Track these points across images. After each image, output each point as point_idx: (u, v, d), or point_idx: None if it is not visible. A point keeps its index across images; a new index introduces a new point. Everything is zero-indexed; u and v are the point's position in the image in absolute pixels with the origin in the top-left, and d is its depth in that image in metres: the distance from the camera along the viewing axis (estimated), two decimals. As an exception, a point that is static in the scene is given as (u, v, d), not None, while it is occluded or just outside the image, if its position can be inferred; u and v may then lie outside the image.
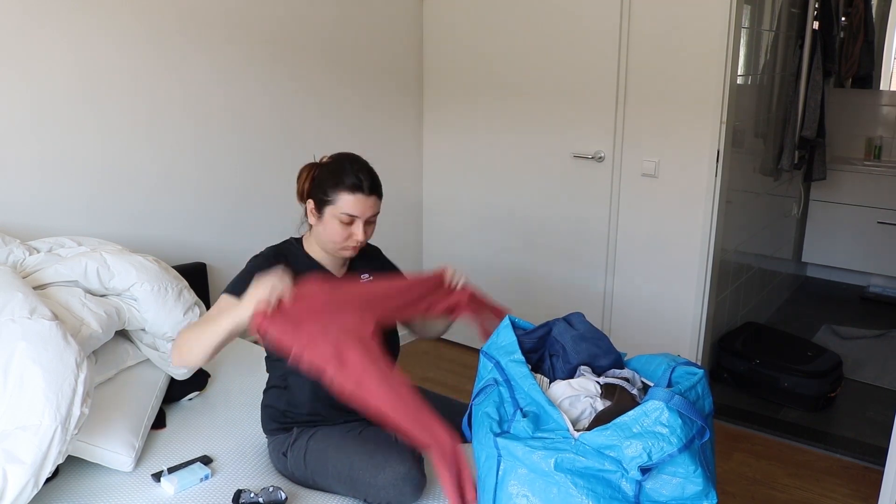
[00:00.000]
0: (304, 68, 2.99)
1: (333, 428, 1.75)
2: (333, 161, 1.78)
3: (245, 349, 2.47)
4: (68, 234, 2.24)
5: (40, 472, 1.45)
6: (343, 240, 1.75)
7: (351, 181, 1.72)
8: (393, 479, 1.57)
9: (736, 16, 2.73)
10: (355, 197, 1.71)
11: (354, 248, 1.78)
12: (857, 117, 4.52)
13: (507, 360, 1.42)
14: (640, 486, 1.24)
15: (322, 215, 1.75)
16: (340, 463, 1.65)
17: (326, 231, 1.75)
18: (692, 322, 3.05)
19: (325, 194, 1.73)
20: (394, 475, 1.57)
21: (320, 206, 1.75)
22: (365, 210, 1.73)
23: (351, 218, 1.72)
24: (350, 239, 1.75)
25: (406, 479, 1.57)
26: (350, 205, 1.71)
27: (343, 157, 1.79)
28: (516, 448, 1.28)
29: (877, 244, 4.35)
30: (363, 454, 1.63)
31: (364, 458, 1.62)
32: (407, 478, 1.57)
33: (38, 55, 2.18)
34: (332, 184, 1.72)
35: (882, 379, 3.39)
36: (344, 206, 1.71)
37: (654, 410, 1.24)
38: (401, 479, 1.57)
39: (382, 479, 1.57)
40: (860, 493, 2.54)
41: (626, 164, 3.07)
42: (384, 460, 1.60)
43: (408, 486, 1.57)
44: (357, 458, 1.63)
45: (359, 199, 1.72)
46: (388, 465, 1.58)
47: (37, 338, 1.55)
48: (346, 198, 1.71)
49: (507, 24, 3.26)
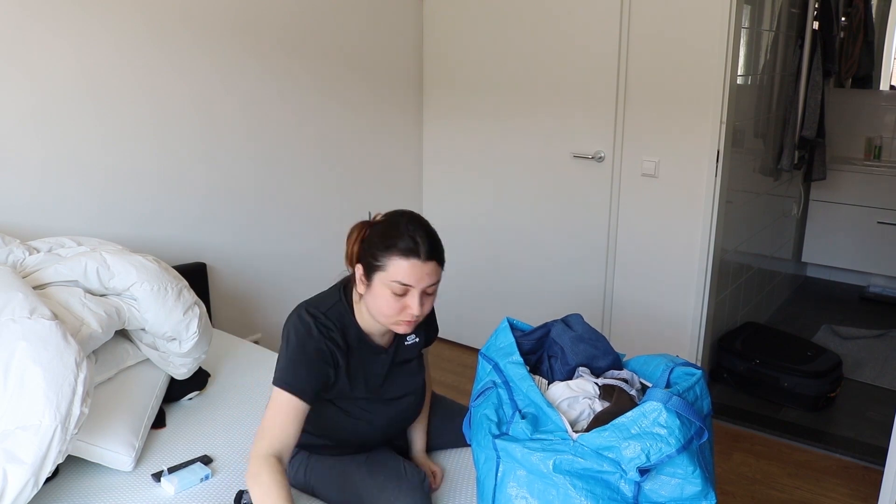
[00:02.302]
0: (305, 68, 2.99)
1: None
2: (387, 220, 1.55)
3: (245, 349, 2.47)
4: (68, 234, 2.24)
5: (40, 472, 1.45)
6: (396, 313, 1.51)
7: (405, 244, 1.48)
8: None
9: (736, 16, 2.73)
10: (409, 263, 1.47)
11: (408, 324, 1.53)
12: (857, 117, 4.51)
13: (506, 362, 1.42)
14: (638, 487, 1.24)
15: (371, 283, 1.51)
16: (346, 487, 1.61)
17: (377, 302, 1.51)
18: (692, 322, 3.05)
19: (375, 259, 1.49)
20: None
21: (369, 272, 1.51)
22: (421, 278, 1.48)
23: (404, 288, 1.48)
24: (404, 312, 1.51)
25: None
26: (403, 272, 1.47)
27: (398, 215, 1.56)
28: (515, 450, 1.28)
29: (877, 244, 4.35)
30: (371, 486, 1.58)
31: (372, 490, 1.57)
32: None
33: (39, 54, 2.18)
34: (383, 246, 1.49)
35: (882, 379, 3.39)
36: (396, 273, 1.47)
37: (652, 411, 1.24)
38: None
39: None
40: (860, 493, 2.54)
41: (626, 164, 3.07)
42: (394, 497, 1.54)
43: None
44: (364, 489, 1.58)
45: (414, 265, 1.47)
46: (395, 502, 1.53)
47: (37, 338, 1.55)
48: (399, 263, 1.47)
49: (507, 24, 3.26)
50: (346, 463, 1.65)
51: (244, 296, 2.92)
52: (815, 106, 3.77)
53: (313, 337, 1.53)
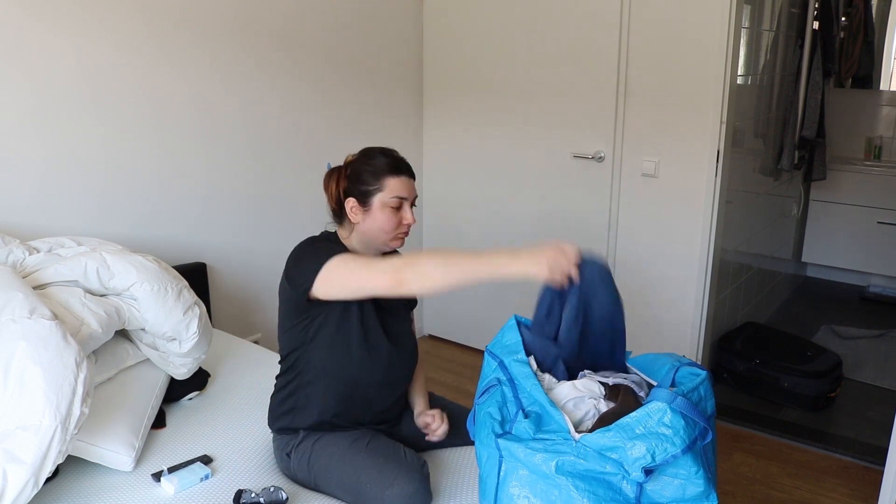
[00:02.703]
0: (305, 69, 2.98)
1: (340, 435, 1.73)
2: (363, 155, 1.76)
3: (245, 349, 2.47)
4: (68, 234, 2.24)
5: (40, 472, 1.45)
6: (394, 227, 1.72)
7: (390, 164, 1.72)
8: (401, 497, 1.56)
9: (736, 16, 2.73)
10: (400, 179, 1.71)
11: (405, 234, 1.76)
12: (857, 117, 4.51)
13: (511, 360, 1.42)
14: (641, 487, 1.24)
15: (370, 207, 1.71)
16: (347, 474, 1.64)
17: (377, 222, 1.71)
18: (692, 322, 3.05)
19: (369, 184, 1.70)
20: (402, 493, 1.56)
21: (365, 198, 1.71)
22: (411, 191, 1.73)
23: (400, 201, 1.71)
24: (401, 225, 1.73)
25: (414, 497, 1.57)
26: (399, 187, 1.70)
27: (370, 149, 1.77)
28: (517, 449, 1.27)
29: (877, 244, 4.35)
30: (371, 468, 1.62)
31: (373, 472, 1.61)
32: (415, 495, 1.57)
33: (39, 54, 2.18)
34: (372, 172, 1.71)
35: (882, 379, 3.39)
36: (393, 189, 1.70)
37: (657, 412, 1.24)
38: (408, 496, 1.56)
39: (390, 495, 1.56)
40: (860, 493, 2.54)
41: (626, 164, 3.07)
42: (393, 477, 1.58)
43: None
44: (365, 472, 1.62)
45: (403, 180, 1.71)
46: (396, 483, 1.57)
47: (37, 338, 1.54)
48: (393, 181, 1.70)
49: (507, 24, 3.26)
50: (346, 450, 1.68)
51: (244, 296, 2.92)
52: (815, 106, 3.77)
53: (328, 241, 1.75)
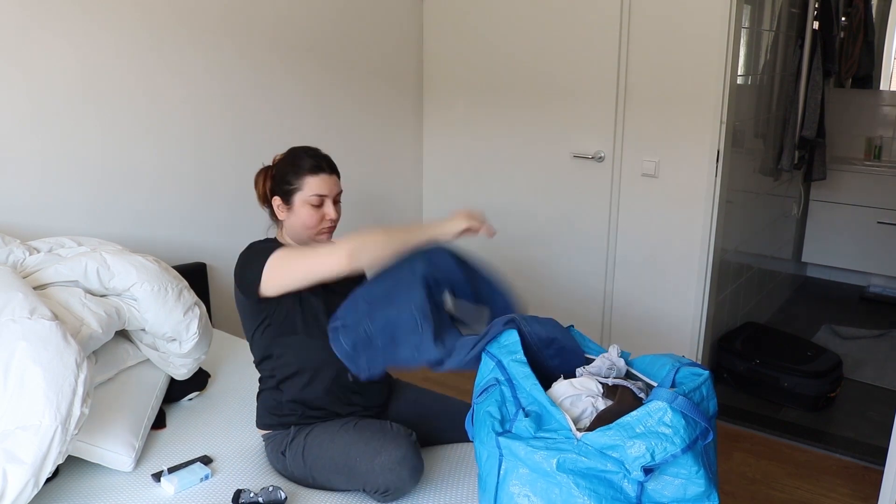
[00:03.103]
0: (305, 69, 2.98)
1: (329, 423, 1.77)
2: (286, 154, 1.87)
3: (244, 348, 2.47)
4: (68, 234, 2.24)
5: (40, 472, 1.45)
6: (317, 223, 1.80)
7: (311, 163, 1.80)
8: (389, 463, 1.59)
9: (736, 16, 2.73)
10: (319, 177, 1.79)
11: (330, 230, 1.84)
12: (857, 117, 4.51)
13: (510, 360, 1.42)
14: (642, 487, 1.23)
15: (292, 205, 1.80)
16: (338, 454, 1.67)
17: (300, 219, 1.80)
18: (692, 322, 3.05)
19: (290, 183, 1.80)
20: (390, 459, 1.59)
21: (287, 196, 1.81)
22: (332, 188, 1.82)
23: (320, 199, 1.79)
24: (324, 221, 1.81)
25: (403, 462, 1.59)
26: (317, 185, 1.79)
27: (294, 148, 1.88)
28: (518, 448, 1.27)
29: (877, 244, 4.35)
30: (359, 442, 1.66)
31: (360, 445, 1.65)
32: (404, 460, 1.60)
33: (39, 55, 2.18)
34: (294, 171, 1.80)
35: (882, 379, 3.39)
36: (312, 187, 1.79)
37: (657, 411, 1.24)
38: (397, 462, 1.59)
39: (379, 463, 1.59)
40: (860, 493, 2.54)
41: (626, 164, 3.07)
42: (380, 445, 1.62)
43: (405, 469, 1.59)
44: (353, 447, 1.65)
45: (323, 178, 1.80)
46: (384, 450, 1.61)
47: (37, 338, 1.54)
48: (312, 180, 1.79)
49: (507, 24, 3.26)
50: (335, 434, 1.71)
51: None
52: (815, 106, 3.77)
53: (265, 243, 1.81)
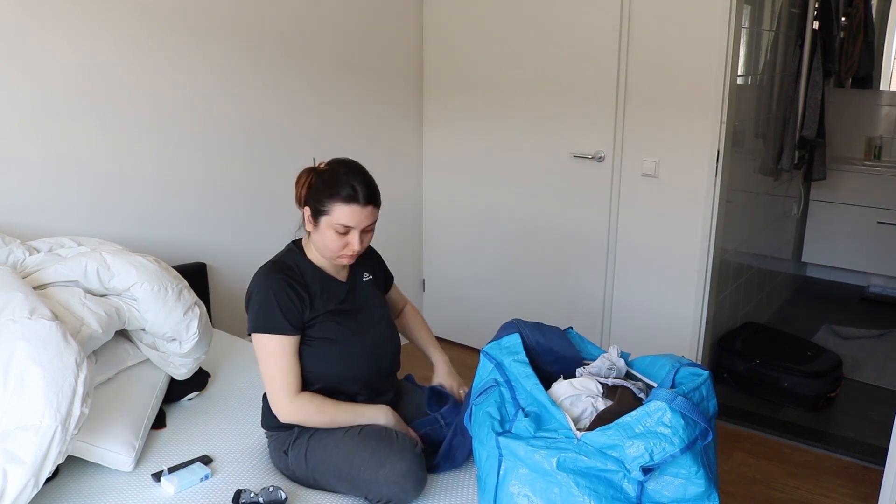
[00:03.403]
0: (305, 69, 2.98)
1: None
2: (329, 169, 1.73)
3: (244, 348, 2.47)
4: (68, 234, 2.24)
5: (40, 472, 1.45)
6: (339, 249, 1.72)
7: (346, 192, 1.67)
8: (394, 476, 1.58)
9: (736, 16, 2.73)
10: (350, 208, 1.67)
11: (350, 258, 1.75)
12: (857, 117, 4.52)
13: (511, 360, 1.42)
14: (641, 486, 1.24)
15: (318, 224, 1.71)
16: (341, 461, 1.66)
17: (323, 240, 1.72)
18: (692, 322, 3.05)
19: (321, 203, 1.69)
20: (394, 472, 1.59)
21: (316, 215, 1.71)
22: (361, 220, 1.70)
23: (346, 228, 1.69)
24: (346, 248, 1.72)
25: (407, 476, 1.59)
26: (345, 216, 1.67)
27: (339, 164, 1.74)
28: (518, 447, 1.28)
29: (877, 244, 4.35)
30: (364, 452, 1.64)
31: (365, 455, 1.64)
32: (408, 474, 1.59)
33: (39, 55, 2.18)
34: (328, 194, 1.68)
35: (882, 379, 3.39)
36: (339, 216, 1.68)
37: (656, 411, 1.24)
38: (401, 475, 1.59)
39: (383, 475, 1.59)
40: (860, 493, 2.54)
41: (626, 164, 3.07)
42: (385, 457, 1.61)
43: (409, 482, 1.59)
44: (358, 456, 1.64)
45: (354, 210, 1.68)
46: (388, 462, 1.60)
47: (37, 338, 1.54)
48: (342, 208, 1.67)
49: (507, 24, 3.26)
50: (340, 439, 1.70)
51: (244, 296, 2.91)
52: (815, 106, 3.77)
53: (275, 279, 1.72)
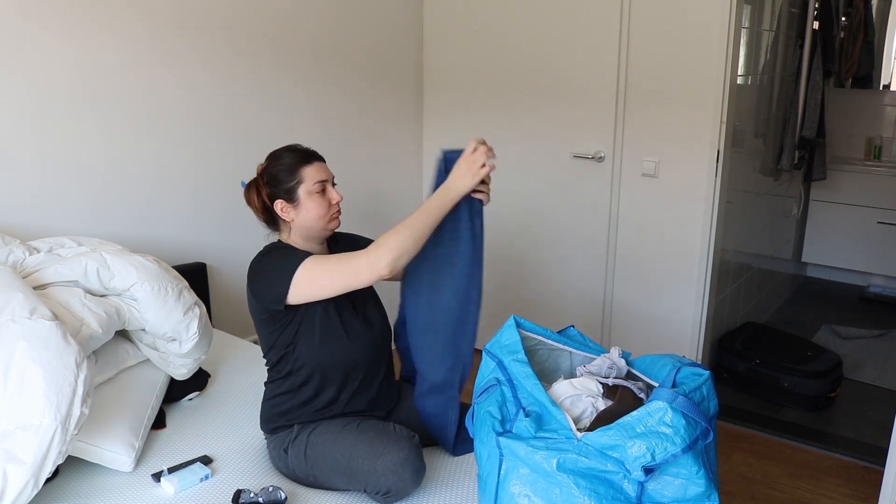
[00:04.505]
0: (305, 69, 2.98)
1: (333, 422, 1.77)
2: (270, 159, 1.87)
3: (244, 348, 2.47)
4: (68, 234, 2.24)
5: (40, 472, 1.45)
6: (327, 209, 1.82)
7: (300, 156, 1.83)
8: (392, 465, 1.60)
9: (736, 16, 2.73)
10: (313, 165, 1.82)
11: (339, 213, 1.86)
12: (857, 117, 4.51)
13: (510, 360, 1.42)
14: (642, 486, 1.24)
15: (298, 201, 1.80)
16: (340, 454, 1.67)
17: (310, 211, 1.80)
18: (692, 322, 3.05)
19: (289, 182, 1.80)
20: (392, 461, 1.60)
21: (291, 194, 1.80)
22: (327, 172, 1.85)
23: (322, 185, 1.82)
24: (331, 206, 1.83)
25: (405, 464, 1.60)
26: (315, 172, 1.81)
27: (275, 151, 1.88)
28: (518, 448, 1.28)
29: (877, 244, 4.35)
30: (362, 443, 1.66)
31: (363, 447, 1.65)
32: (406, 462, 1.60)
33: (38, 55, 2.18)
34: (287, 169, 1.81)
35: (882, 379, 3.39)
36: (311, 175, 1.80)
37: (657, 411, 1.24)
38: (399, 464, 1.60)
39: (381, 465, 1.60)
40: (860, 493, 2.54)
41: (626, 164, 3.07)
42: (383, 447, 1.63)
43: (407, 471, 1.60)
44: (356, 448, 1.66)
45: (317, 165, 1.83)
46: (386, 452, 1.61)
47: (37, 338, 1.54)
48: (308, 169, 1.81)
49: (507, 24, 3.26)
50: (338, 433, 1.71)
51: (244, 296, 2.90)
52: (815, 106, 3.77)
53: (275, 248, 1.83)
